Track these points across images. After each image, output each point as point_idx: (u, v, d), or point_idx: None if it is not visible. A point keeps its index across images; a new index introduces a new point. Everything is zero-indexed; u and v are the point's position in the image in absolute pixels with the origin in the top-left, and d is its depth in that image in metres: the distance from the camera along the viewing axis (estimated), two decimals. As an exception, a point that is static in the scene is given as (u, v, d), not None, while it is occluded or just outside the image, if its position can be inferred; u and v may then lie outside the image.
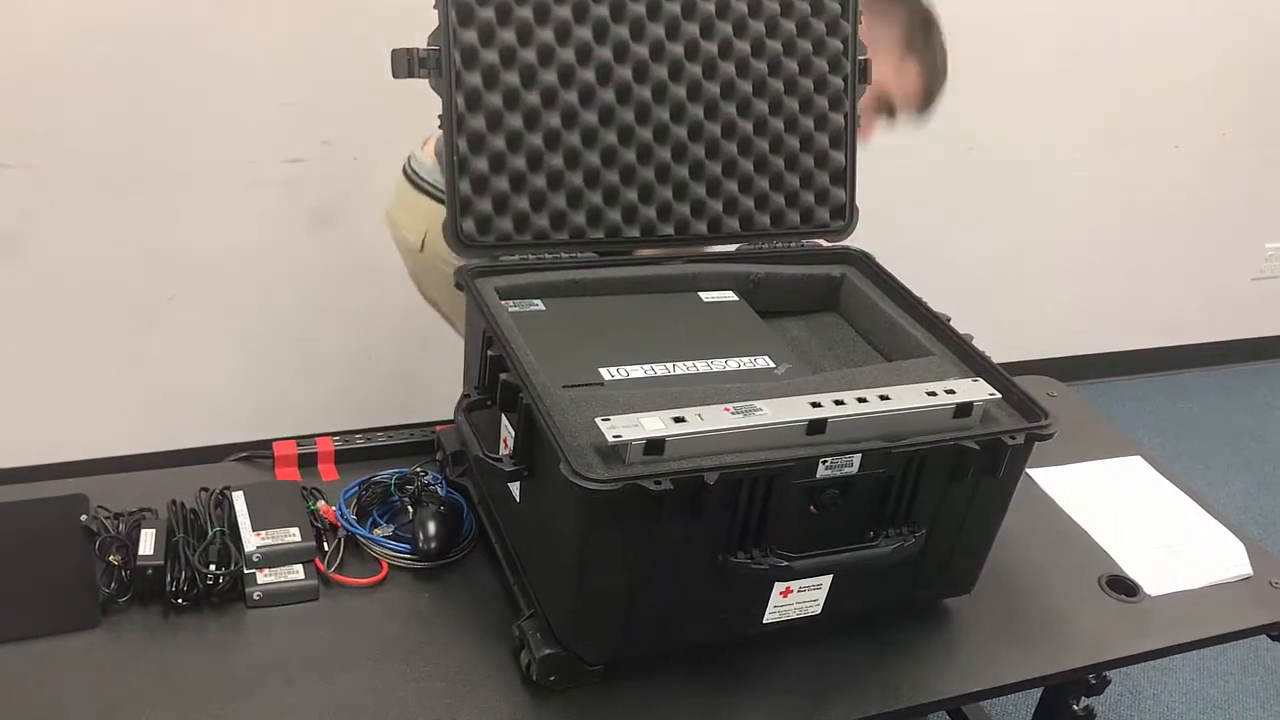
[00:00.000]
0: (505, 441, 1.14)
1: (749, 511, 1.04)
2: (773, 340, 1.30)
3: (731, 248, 1.44)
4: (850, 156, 1.44)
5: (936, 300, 1.33)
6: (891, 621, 1.24)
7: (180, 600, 1.15)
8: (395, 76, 1.23)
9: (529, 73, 1.27)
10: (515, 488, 1.15)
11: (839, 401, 1.08)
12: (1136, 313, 3.40)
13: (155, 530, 1.18)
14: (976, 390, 1.14)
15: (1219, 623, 1.32)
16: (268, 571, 1.19)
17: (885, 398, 1.09)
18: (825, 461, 1.04)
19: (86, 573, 1.17)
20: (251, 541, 1.20)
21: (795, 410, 1.06)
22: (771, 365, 1.24)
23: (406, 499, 1.31)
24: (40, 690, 1.06)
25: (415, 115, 1.79)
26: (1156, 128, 3.06)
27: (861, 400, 1.08)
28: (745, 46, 1.37)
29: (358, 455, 1.42)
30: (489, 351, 1.15)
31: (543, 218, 1.31)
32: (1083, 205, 3.10)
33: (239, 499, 1.27)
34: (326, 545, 1.25)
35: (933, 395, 1.11)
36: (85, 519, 1.22)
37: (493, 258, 1.30)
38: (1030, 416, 1.15)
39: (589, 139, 1.32)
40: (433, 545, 1.24)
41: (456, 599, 1.22)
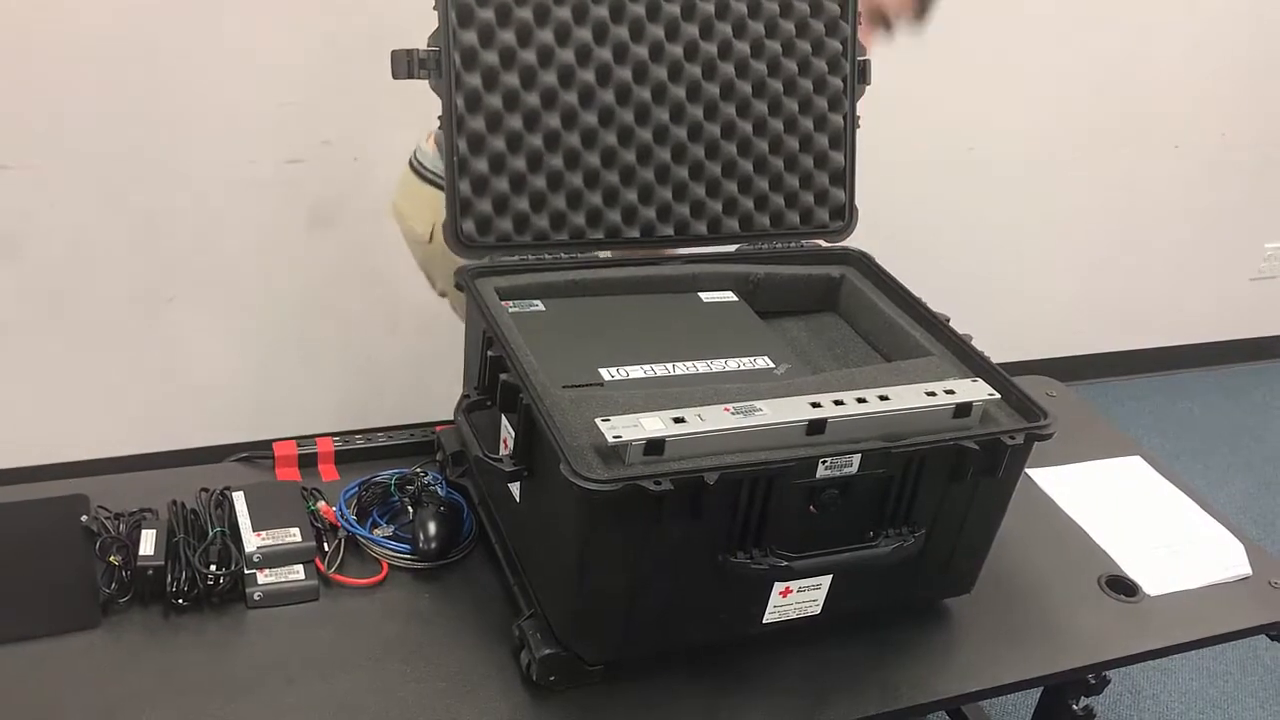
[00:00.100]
0: (505, 442, 1.15)
1: (749, 511, 1.04)
2: (772, 340, 1.30)
3: (731, 248, 1.44)
4: (850, 157, 1.45)
5: (936, 300, 1.33)
6: (891, 621, 1.24)
7: (181, 600, 1.15)
8: (395, 77, 1.23)
9: (529, 74, 1.27)
10: (515, 488, 1.15)
11: (839, 402, 1.08)
12: (1136, 313, 3.40)
13: (156, 530, 1.18)
14: (976, 390, 1.14)
15: (1218, 623, 1.32)
16: (268, 572, 1.19)
17: (885, 398, 1.09)
18: (825, 461, 1.04)
19: (87, 573, 1.17)
20: (252, 542, 1.20)
21: (795, 410, 1.06)
22: (771, 365, 1.24)
23: (407, 499, 1.31)
24: (41, 690, 1.06)
25: (415, 116, 1.80)
26: (1156, 128, 3.06)
27: (861, 400, 1.09)
28: (744, 47, 1.37)
29: (358, 456, 1.42)
30: (489, 352, 1.15)
31: (543, 218, 1.32)
32: (1083, 205, 3.10)
33: (239, 499, 1.27)
34: (327, 545, 1.25)
35: (932, 395, 1.11)
36: (86, 519, 1.22)
37: (493, 258, 1.30)
38: (1030, 416, 1.15)
39: (589, 140, 1.32)
40: (433, 545, 1.24)
41: (457, 599, 1.22)
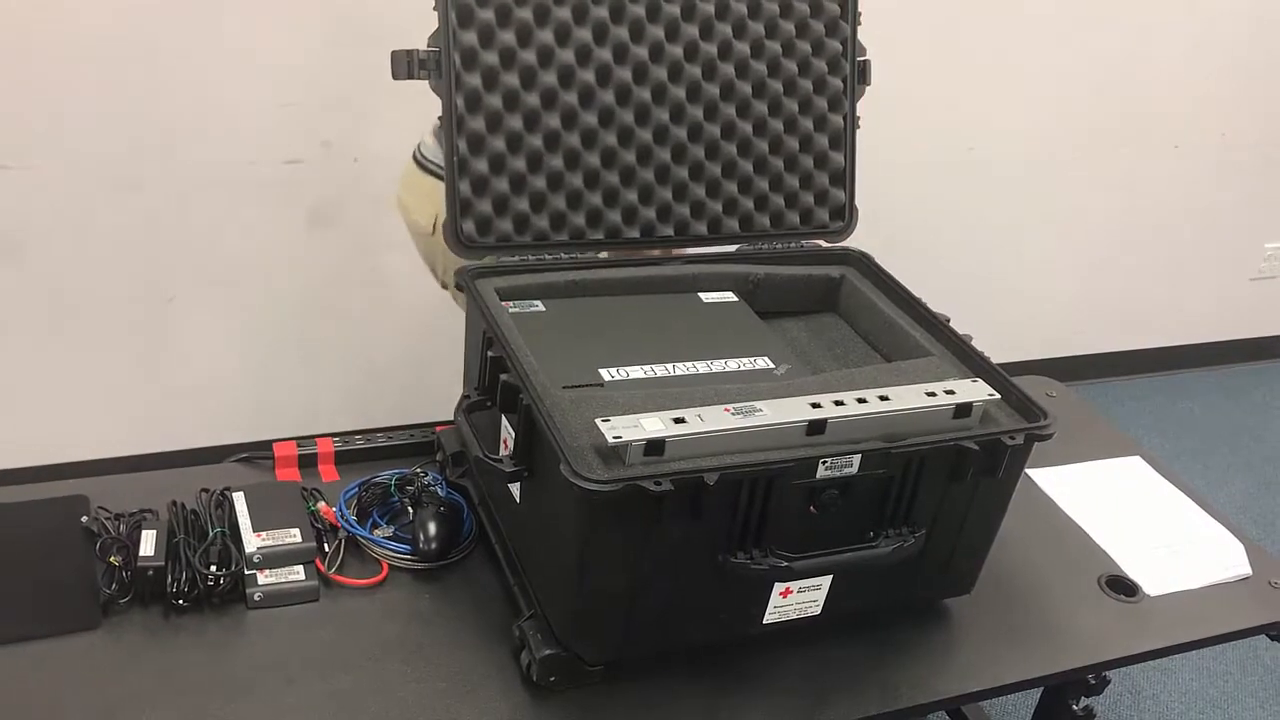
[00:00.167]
0: (505, 442, 1.15)
1: (749, 512, 1.04)
2: (772, 341, 1.30)
3: (731, 248, 1.44)
4: (850, 157, 1.45)
5: (936, 300, 1.33)
6: (891, 621, 1.24)
7: (181, 601, 1.15)
8: (395, 78, 1.23)
9: (529, 74, 1.28)
10: (515, 488, 1.15)
11: (839, 402, 1.08)
12: (1136, 313, 3.40)
13: (156, 531, 1.18)
14: (976, 391, 1.14)
15: (1218, 623, 1.32)
16: (268, 572, 1.19)
17: (885, 398, 1.10)
18: (825, 462, 1.04)
19: (87, 574, 1.17)
20: (252, 542, 1.20)
21: (795, 411, 1.06)
22: (771, 366, 1.24)
23: (407, 500, 1.31)
24: (41, 691, 1.06)
25: (415, 117, 1.80)
26: (1156, 128, 3.06)
27: (861, 401, 1.09)
28: (744, 48, 1.37)
29: (358, 456, 1.42)
30: (489, 352, 1.15)
31: (543, 219, 1.32)
32: (1083, 205, 3.10)
33: (239, 500, 1.27)
34: (327, 546, 1.25)
35: (932, 396, 1.11)
36: (86, 520, 1.22)
37: (493, 259, 1.30)
38: (1030, 417, 1.15)
39: (589, 140, 1.32)
40: (433, 546, 1.24)
41: (457, 600, 1.22)
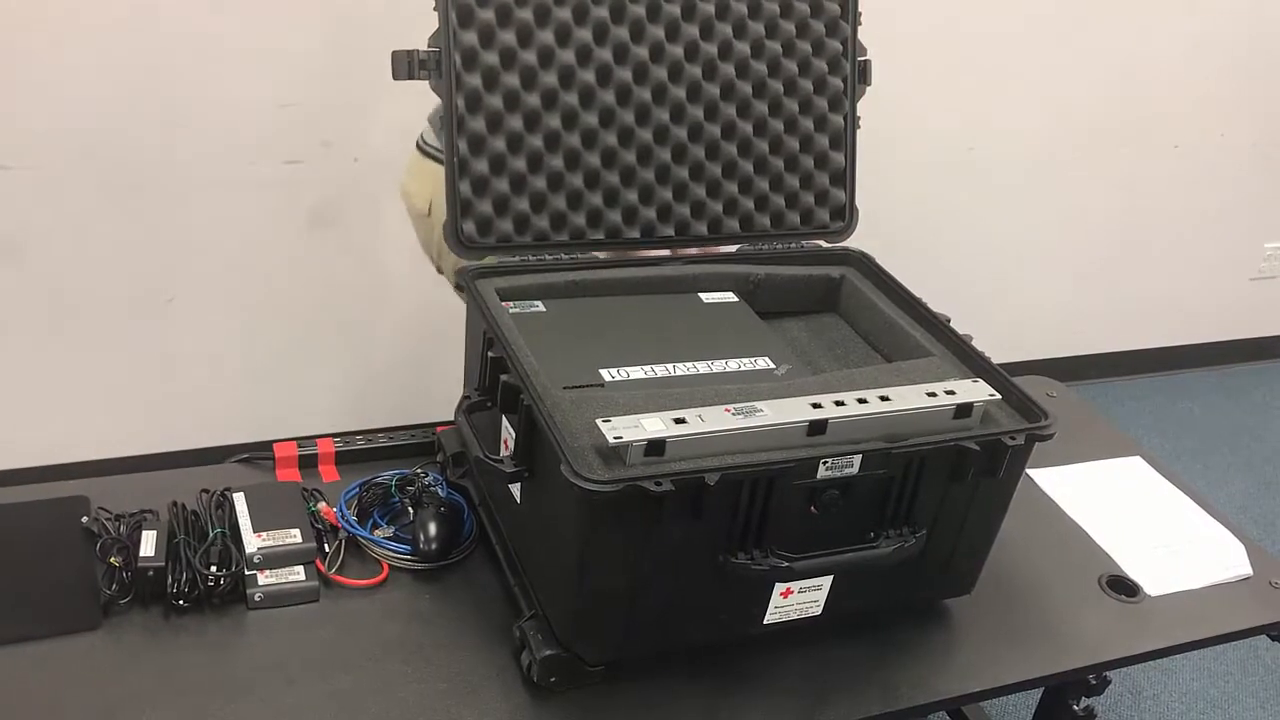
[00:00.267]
0: (506, 443, 1.15)
1: (749, 512, 1.04)
2: (773, 341, 1.30)
3: (732, 249, 1.44)
4: (850, 157, 1.45)
5: (936, 300, 1.33)
6: (892, 622, 1.24)
7: (181, 601, 1.15)
8: (395, 78, 1.23)
9: (529, 74, 1.27)
10: (516, 489, 1.15)
11: (839, 402, 1.08)
12: (1136, 313, 3.40)
13: (156, 532, 1.18)
14: (976, 391, 1.14)
15: (1219, 623, 1.32)
16: (268, 573, 1.19)
17: (885, 398, 1.09)
18: (826, 462, 1.04)
19: (88, 574, 1.17)
20: (252, 543, 1.20)
21: (796, 411, 1.06)
22: (772, 366, 1.24)
23: (407, 500, 1.31)
24: (41, 691, 1.06)
25: (415, 117, 1.80)
26: (1156, 128, 3.06)
27: (862, 401, 1.09)
28: (745, 48, 1.37)
29: (358, 456, 1.42)
30: (490, 353, 1.15)
31: (543, 219, 1.32)
32: (1083, 205, 3.10)
33: (240, 500, 1.27)
34: (327, 546, 1.25)
35: (933, 396, 1.11)
36: (86, 520, 1.22)
37: (493, 259, 1.30)
38: (1030, 417, 1.15)
39: (589, 140, 1.32)
40: (433, 546, 1.24)
41: (457, 600, 1.22)
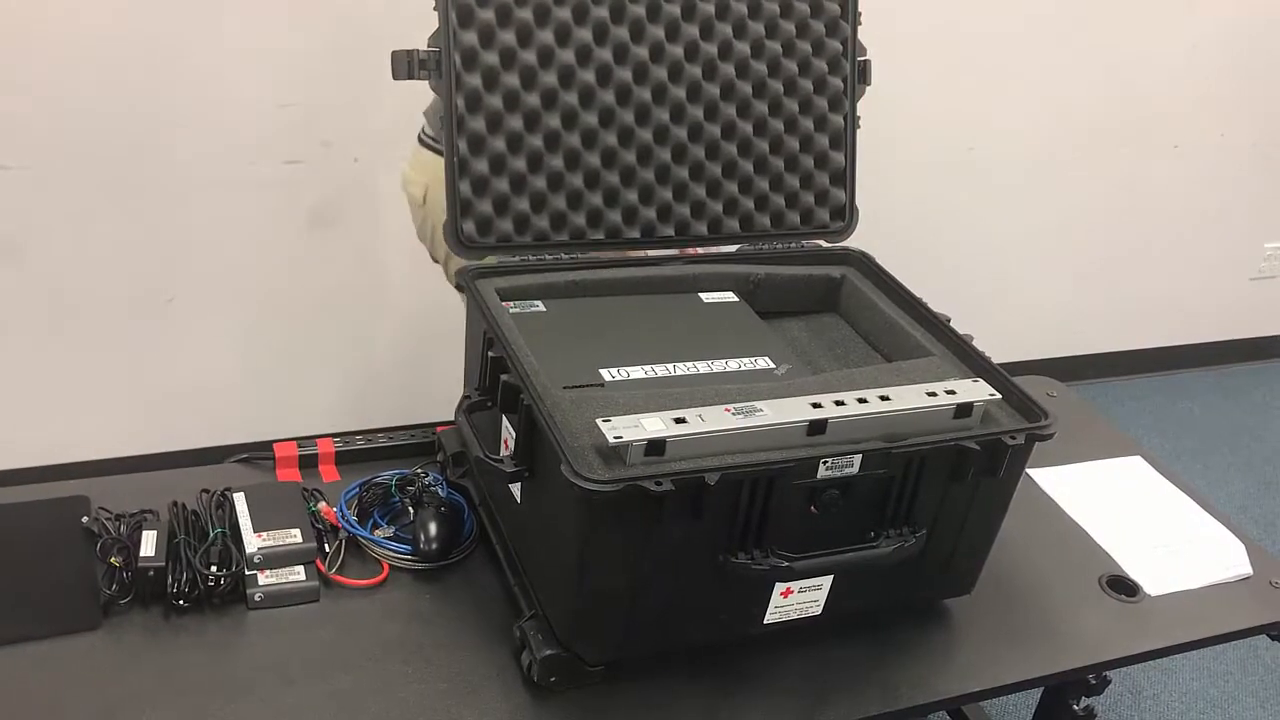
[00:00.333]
0: (506, 442, 1.15)
1: (750, 512, 1.04)
2: (773, 341, 1.30)
3: (732, 248, 1.44)
4: (850, 157, 1.45)
5: (936, 300, 1.33)
6: (892, 621, 1.24)
7: (181, 601, 1.15)
8: (395, 78, 1.23)
9: (529, 74, 1.27)
10: (516, 489, 1.15)
11: (839, 402, 1.08)
12: (1136, 313, 3.40)
13: (156, 532, 1.18)
14: (977, 391, 1.14)
15: (1219, 623, 1.32)
16: (269, 573, 1.19)
17: (885, 398, 1.10)
18: (826, 462, 1.04)
19: (88, 574, 1.17)
20: (252, 543, 1.20)
21: (796, 411, 1.06)
22: (772, 366, 1.24)
23: (407, 500, 1.31)
24: (41, 691, 1.06)
25: (415, 117, 1.80)
26: (1156, 128, 3.06)
27: (862, 401, 1.09)
28: (745, 48, 1.37)
29: (358, 456, 1.42)
30: (490, 353, 1.15)
31: (543, 219, 1.32)
32: (1082, 205, 3.10)
33: (240, 500, 1.27)
34: (327, 546, 1.25)
35: (933, 396, 1.11)
36: (86, 520, 1.22)
37: (494, 259, 1.30)
38: (1030, 417, 1.15)
39: (589, 140, 1.32)
40: (434, 546, 1.24)
41: (457, 600, 1.22)
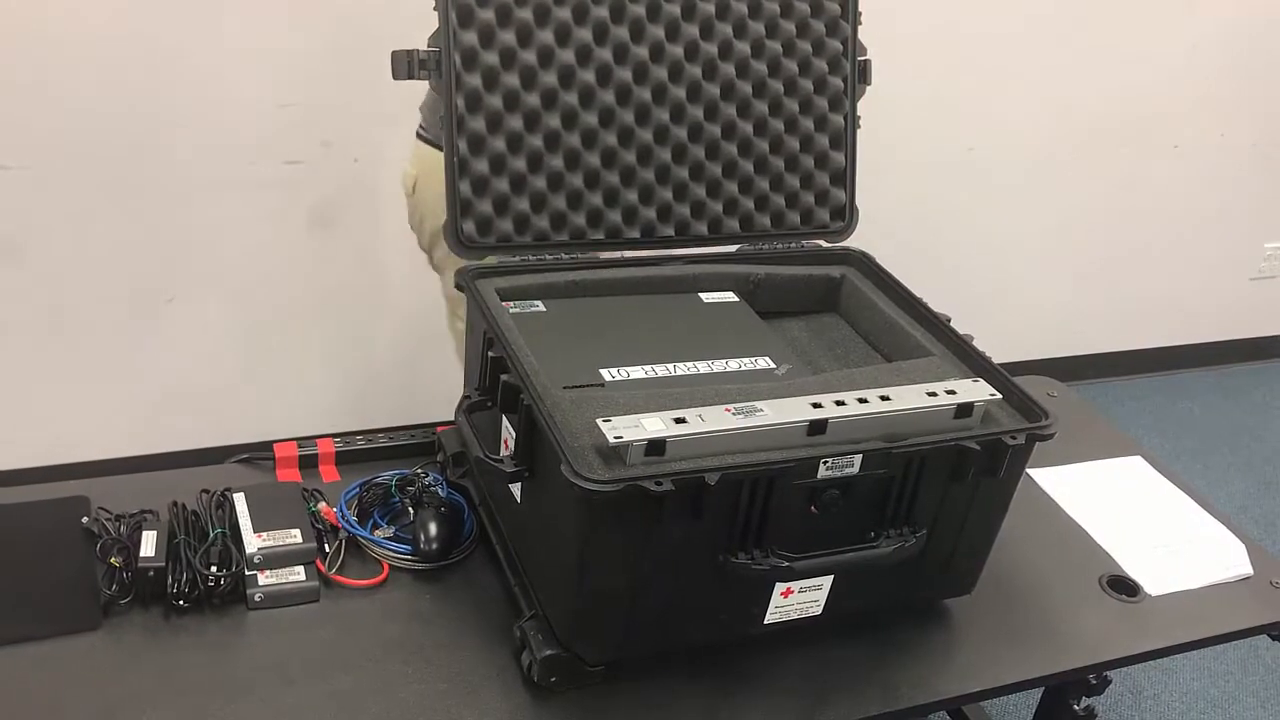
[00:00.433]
0: (506, 443, 1.15)
1: (750, 512, 1.04)
2: (773, 341, 1.30)
3: (732, 248, 1.44)
4: (850, 157, 1.44)
5: (936, 300, 1.33)
6: (892, 621, 1.24)
7: (181, 602, 1.15)
8: (395, 78, 1.23)
9: (529, 74, 1.27)
10: (516, 489, 1.15)
11: (840, 402, 1.08)
12: (1136, 313, 3.40)
13: (156, 532, 1.18)
14: (977, 391, 1.14)
15: (1219, 623, 1.32)
16: (269, 573, 1.19)
17: (886, 398, 1.09)
18: (826, 462, 1.04)
19: (88, 574, 1.17)
20: (253, 543, 1.20)
21: (796, 411, 1.06)
22: (772, 366, 1.24)
23: (407, 500, 1.31)
24: (41, 691, 1.06)
25: (415, 117, 1.80)
26: (1156, 128, 3.06)
27: (862, 401, 1.09)
28: (745, 47, 1.37)
29: (358, 456, 1.42)
30: (490, 353, 1.15)
31: (543, 219, 1.31)
32: (1082, 205, 3.10)
33: (240, 500, 1.27)
34: (327, 546, 1.25)
35: (933, 396, 1.11)
36: (86, 521, 1.22)
37: (494, 259, 1.30)
38: (1031, 417, 1.15)
39: (589, 140, 1.32)
40: (434, 546, 1.24)
41: (457, 600, 1.22)
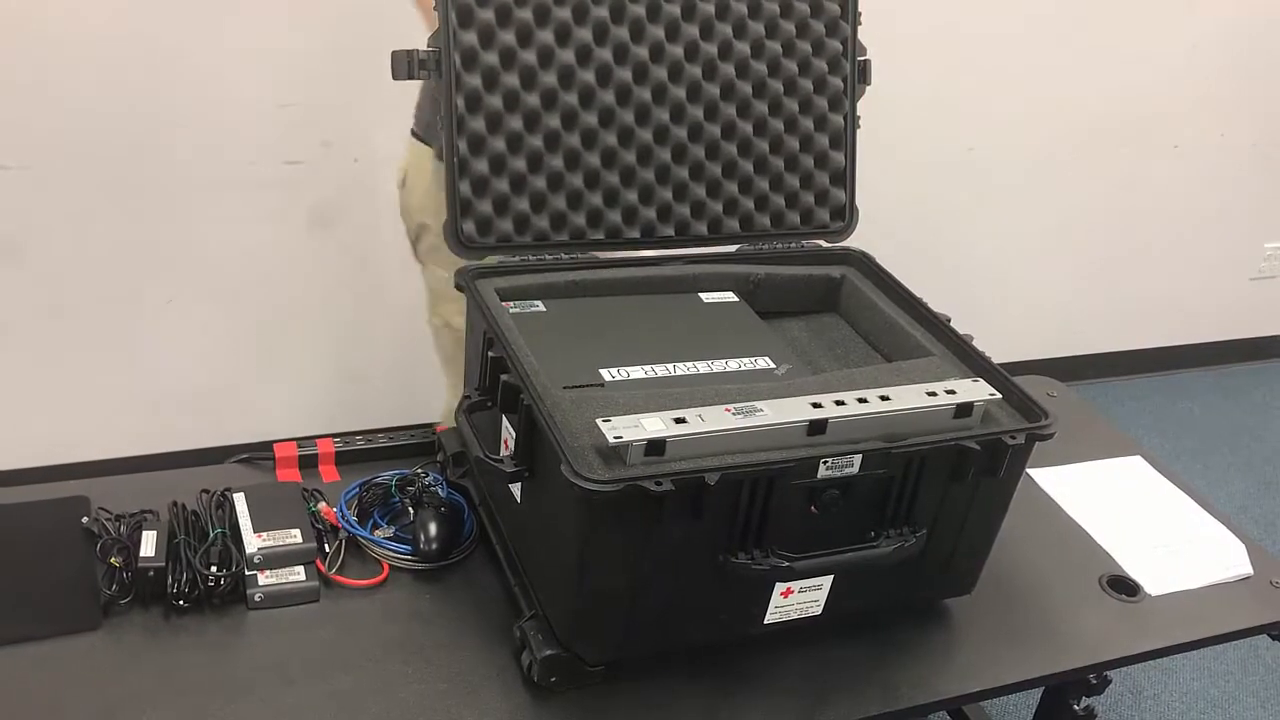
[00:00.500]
0: (506, 443, 1.15)
1: (750, 512, 1.04)
2: (773, 341, 1.30)
3: (732, 248, 1.44)
4: (850, 157, 1.45)
5: (936, 300, 1.33)
6: (892, 621, 1.24)
7: (181, 602, 1.15)
8: (395, 78, 1.23)
9: (529, 74, 1.27)
10: (516, 489, 1.15)
11: (839, 402, 1.08)
12: (1136, 313, 3.40)
13: (156, 532, 1.18)
14: (977, 390, 1.14)
15: (1219, 622, 1.32)
16: (269, 573, 1.19)
17: (886, 398, 1.09)
18: (826, 462, 1.04)
19: (88, 574, 1.17)
20: (253, 543, 1.20)
21: (796, 411, 1.06)
22: (772, 366, 1.24)
23: (407, 500, 1.31)
24: (41, 691, 1.06)
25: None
26: (1156, 128, 3.06)
27: (862, 401, 1.09)
28: (745, 48, 1.37)
29: (358, 456, 1.42)
30: (490, 353, 1.15)
31: (543, 219, 1.31)
32: (1082, 205, 3.10)
33: (240, 500, 1.27)
34: (327, 546, 1.25)
35: (933, 395, 1.11)
36: (86, 521, 1.22)
37: (494, 259, 1.30)
38: (1030, 416, 1.15)
39: (589, 140, 1.32)
40: (434, 546, 1.24)
41: (457, 600, 1.22)
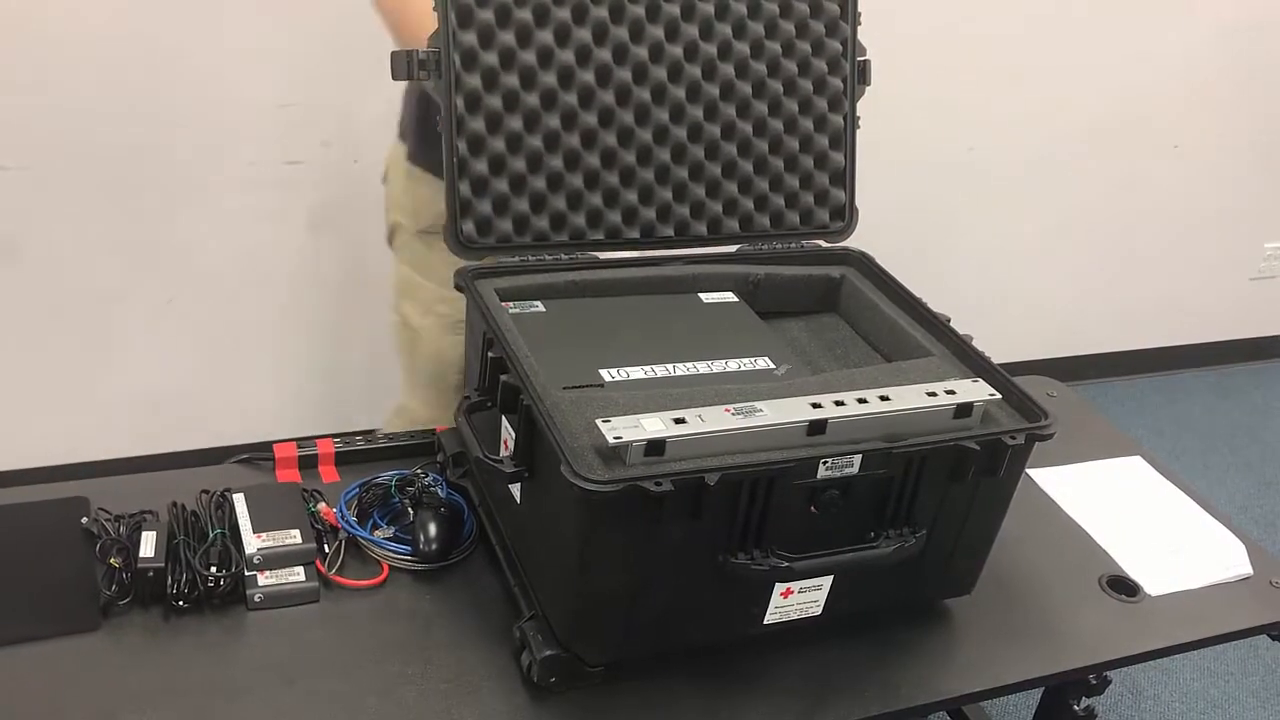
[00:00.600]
0: (506, 443, 1.15)
1: (749, 512, 1.04)
2: (773, 341, 1.30)
3: (731, 249, 1.44)
4: (850, 157, 1.45)
5: (936, 301, 1.33)
6: (892, 622, 1.24)
7: (181, 602, 1.15)
8: (395, 79, 1.23)
9: (528, 74, 1.27)
10: (516, 489, 1.15)
11: (839, 402, 1.08)
12: (1136, 313, 3.41)
13: (156, 532, 1.18)
14: (976, 390, 1.14)
15: (1219, 623, 1.32)
16: (268, 573, 1.19)
17: (885, 398, 1.09)
18: (826, 462, 1.04)
19: (87, 575, 1.17)
20: (252, 543, 1.20)
21: (796, 411, 1.06)
22: (772, 366, 1.24)
23: (407, 501, 1.31)
24: (41, 692, 1.06)
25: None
26: (1156, 128, 3.06)
27: (862, 401, 1.09)
28: (744, 48, 1.37)
29: (358, 457, 1.42)
30: (489, 353, 1.15)
31: (542, 219, 1.32)
32: (1082, 205, 3.10)
33: (240, 501, 1.26)
34: (327, 547, 1.25)
35: (933, 396, 1.11)
36: (86, 521, 1.22)
37: (493, 259, 1.30)
38: (1030, 417, 1.15)
39: (588, 140, 1.32)
40: (433, 547, 1.24)
41: (457, 601, 1.22)
